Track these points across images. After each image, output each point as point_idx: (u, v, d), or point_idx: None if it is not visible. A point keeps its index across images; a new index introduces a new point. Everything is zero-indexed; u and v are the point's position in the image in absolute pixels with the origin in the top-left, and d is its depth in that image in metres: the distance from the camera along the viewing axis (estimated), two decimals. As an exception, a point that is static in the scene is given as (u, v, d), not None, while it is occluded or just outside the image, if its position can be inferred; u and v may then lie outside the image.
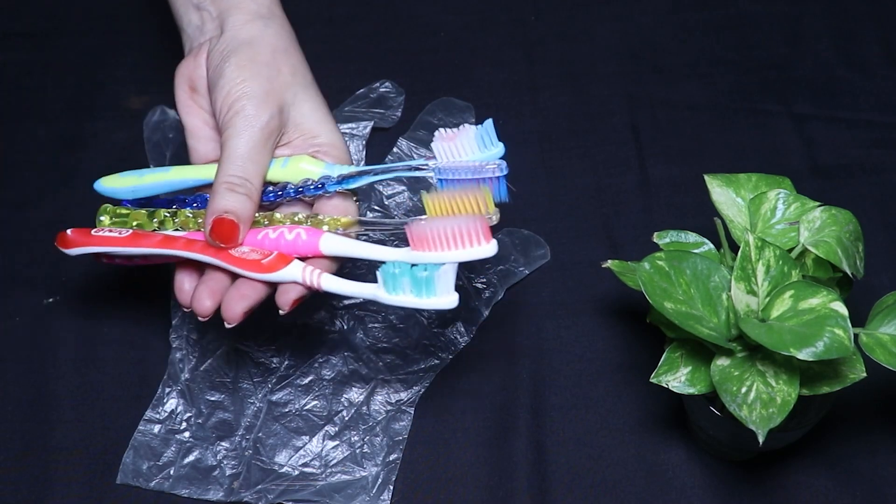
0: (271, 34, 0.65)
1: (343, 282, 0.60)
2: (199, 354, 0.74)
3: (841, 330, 0.56)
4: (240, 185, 0.61)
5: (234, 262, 0.61)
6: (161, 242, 0.63)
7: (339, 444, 0.71)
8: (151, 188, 0.67)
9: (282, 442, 0.71)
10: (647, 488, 0.69)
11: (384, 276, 0.58)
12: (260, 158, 0.62)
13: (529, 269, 0.78)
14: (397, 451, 0.71)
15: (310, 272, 0.60)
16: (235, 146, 0.62)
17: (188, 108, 0.67)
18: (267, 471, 0.70)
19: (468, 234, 0.58)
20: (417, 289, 0.58)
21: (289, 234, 0.62)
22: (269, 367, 0.74)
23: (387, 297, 0.59)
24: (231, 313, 0.61)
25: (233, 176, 0.61)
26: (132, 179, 0.67)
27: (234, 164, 0.61)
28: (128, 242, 0.63)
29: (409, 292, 0.58)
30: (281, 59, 0.65)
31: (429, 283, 0.57)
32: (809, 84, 0.89)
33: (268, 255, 0.61)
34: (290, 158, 0.64)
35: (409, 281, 0.58)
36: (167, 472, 0.70)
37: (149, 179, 0.67)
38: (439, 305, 0.58)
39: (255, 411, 0.72)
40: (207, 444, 0.71)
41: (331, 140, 0.65)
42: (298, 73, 0.66)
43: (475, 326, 0.76)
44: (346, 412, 0.72)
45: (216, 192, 0.61)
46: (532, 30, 0.93)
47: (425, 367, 0.74)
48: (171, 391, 0.73)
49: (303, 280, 0.60)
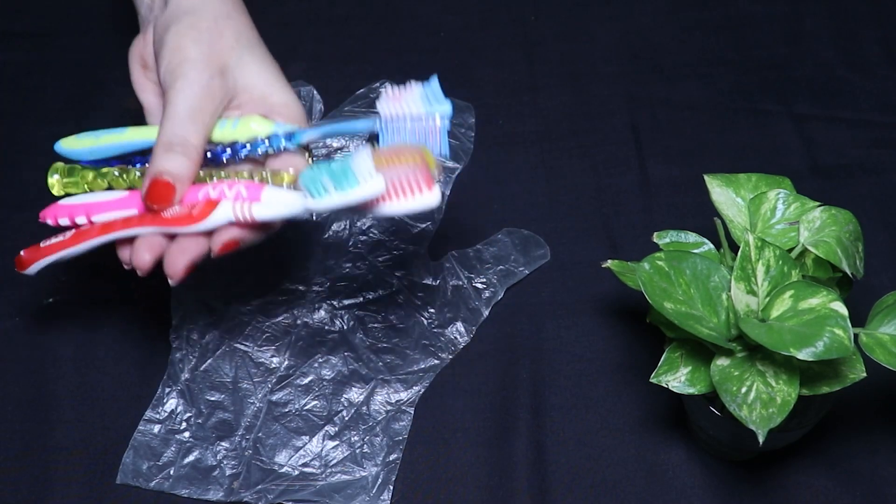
0: (213, 2, 0.65)
1: (271, 205, 0.59)
2: (198, 354, 0.74)
3: (841, 330, 0.56)
4: (178, 145, 0.61)
5: (166, 222, 0.61)
6: (101, 230, 0.63)
7: (339, 444, 0.71)
8: (108, 149, 0.66)
9: (282, 442, 0.71)
10: (647, 488, 0.69)
11: (305, 184, 0.57)
12: (200, 118, 0.62)
13: (529, 269, 0.78)
14: (397, 451, 0.71)
15: (240, 207, 0.59)
16: (174, 107, 0.61)
17: (142, 85, 0.67)
18: (267, 471, 0.70)
19: (410, 183, 0.57)
20: (339, 183, 0.57)
21: (229, 190, 0.61)
22: (269, 367, 0.74)
23: (316, 204, 0.58)
24: (173, 269, 0.60)
25: (171, 135, 0.61)
26: (89, 141, 0.66)
27: (171, 125, 0.61)
28: (73, 241, 0.63)
29: (334, 190, 0.57)
30: (223, 24, 0.64)
31: (346, 171, 0.56)
32: (809, 84, 0.89)
33: (196, 206, 0.61)
34: (239, 119, 0.64)
35: (329, 179, 0.57)
36: (167, 472, 0.70)
37: (105, 140, 0.66)
38: (368, 193, 0.57)
39: (255, 411, 0.72)
40: (207, 444, 0.71)
41: (283, 100, 0.65)
42: (243, 36, 0.65)
43: (475, 326, 0.76)
44: (346, 412, 0.72)
45: (154, 154, 0.61)
46: (532, 30, 0.93)
47: (425, 367, 0.74)
48: (171, 391, 0.73)
49: (235, 218, 0.60)
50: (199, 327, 0.75)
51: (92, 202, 0.64)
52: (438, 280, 0.77)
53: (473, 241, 0.80)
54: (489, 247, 0.79)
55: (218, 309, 0.76)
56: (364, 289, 0.77)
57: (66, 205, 0.64)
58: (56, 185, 0.66)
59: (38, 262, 0.64)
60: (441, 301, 0.76)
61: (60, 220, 0.64)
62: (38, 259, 0.64)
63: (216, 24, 0.64)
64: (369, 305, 0.76)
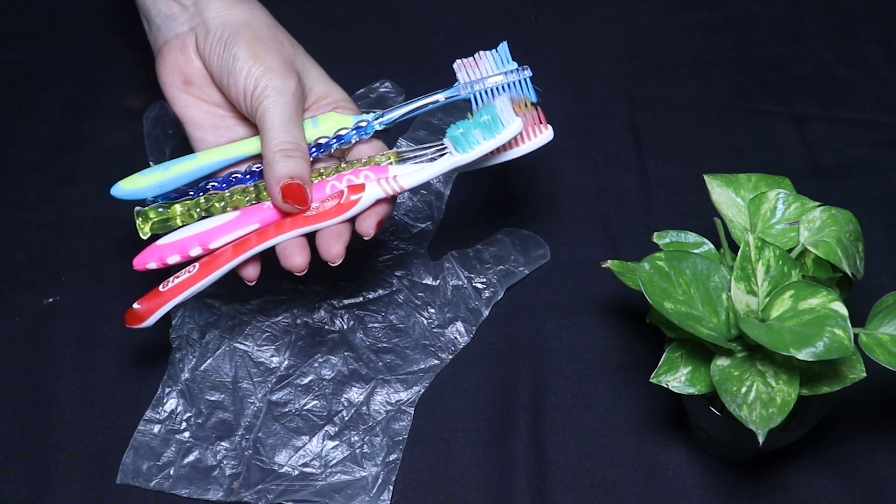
0: (259, 14, 0.67)
1: (417, 172, 0.64)
2: (198, 354, 0.74)
3: (841, 330, 0.56)
4: (293, 150, 0.63)
5: (313, 220, 0.63)
6: (235, 251, 0.64)
7: (339, 444, 0.71)
8: (179, 179, 0.66)
9: (282, 442, 0.71)
10: (647, 488, 0.69)
11: (453, 141, 0.62)
12: (299, 121, 0.65)
13: (529, 269, 0.78)
14: (397, 451, 0.71)
15: (385, 183, 0.63)
16: (275, 116, 0.63)
17: (185, 101, 0.67)
18: (267, 471, 0.70)
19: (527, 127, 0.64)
20: (488, 131, 0.62)
21: (356, 178, 0.64)
22: (268, 367, 0.74)
23: (466, 156, 0.62)
24: (333, 253, 0.63)
25: (284, 142, 0.63)
26: (157, 175, 0.66)
27: (281, 132, 0.63)
28: (203, 273, 0.64)
29: (483, 140, 0.62)
30: (278, 33, 0.67)
31: (495, 120, 0.61)
32: (809, 84, 0.89)
33: (338, 196, 0.63)
34: (318, 118, 0.67)
35: (479, 131, 0.61)
36: (167, 472, 0.70)
37: (175, 171, 0.66)
38: (512, 132, 0.62)
39: (254, 411, 0.72)
40: (207, 444, 0.71)
41: (341, 96, 0.68)
42: (295, 43, 0.68)
43: (475, 326, 0.76)
44: (346, 412, 0.72)
45: (274, 161, 0.63)
46: (532, 30, 0.93)
47: (425, 367, 0.74)
48: (171, 391, 0.73)
49: (385, 193, 0.63)
50: (199, 327, 0.75)
51: (203, 231, 0.64)
52: (438, 280, 0.77)
53: (473, 241, 0.80)
54: (489, 247, 0.79)
55: (218, 309, 0.76)
56: (364, 289, 0.77)
57: (171, 242, 0.64)
58: (146, 228, 0.66)
59: (160, 309, 0.64)
60: (441, 301, 0.76)
61: (169, 259, 0.64)
62: (159, 307, 0.64)
63: (273, 33, 0.67)
64: (369, 305, 0.76)
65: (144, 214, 0.66)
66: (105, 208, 0.81)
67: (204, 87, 0.67)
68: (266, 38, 0.65)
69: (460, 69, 0.67)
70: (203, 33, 0.66)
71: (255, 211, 0.64)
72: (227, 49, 0.64)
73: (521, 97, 0.65)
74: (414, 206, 0.81)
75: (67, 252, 0.80)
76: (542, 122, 0.65)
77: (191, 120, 0.67)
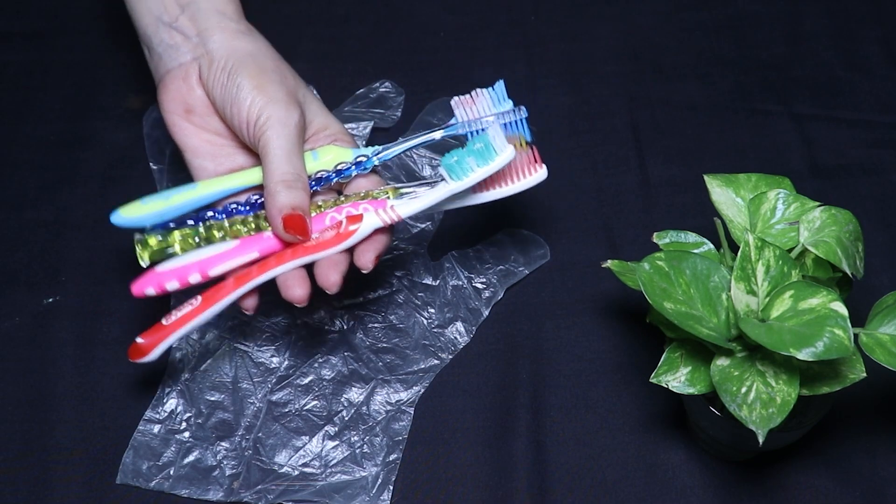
0: (262, 46, 0.68)
1: (414, 201, 0.65)
2: (198, 355, 0.74)
3: (841, 330, 0.56)
4: (295, 181, 0.64)
5: (312, 250, 0.64)
6: (236, 284, 0.64)
7: (339, 444, 0.71)
8: (179, 208, 0.67)
9: (282, 442, 0.71)
10: (647, 488, 0.69)
11: (448, 169, 0.63)
12: (301, 154, 0.65)
13: (529, 269, 0.78)
14: (397, 451, 0.71)
15: (383, 212, 0.64)
16: (278, 147, 0.64)
17: (185, 129, 0.68)
18: (267, 471, 0.70)
19: (522, 166, 0.65)
20: (482, 159, 0.63)
21: (355, 210, 0.65)
22: (268, 367, 0.74)
23: (461, 184, 0.63)
24: (330, 282, 0.64)
25: (286, 173, 0.64)
26: (159, 203, 0.67)
27: (283, 163, 0.64)
28: (205, 307, 0.64)
29: (477, 167, 0.63)
30: (281, 65, 0.68)
31: (488, 147, 0.62)
32: (809, 84, 0.89)
33: (337, 227, 0.64)
34: (317, 150, 0.67)
35: (473, 158, 0.63)
36: (167, 472, 0.70)
37: (176, 200, 0.67)
38: (505, 160, 0.63)
39: (255, 411, 0.72)
40: (207, 444, 0.71)
41: (339, 129, 0.69)
42: (296, 76, 0.69)
43: (475, 326, 0.76)
44: (346, 412, 0.72)
45: (275, 192, 0.63)
46: (532, 30, 0.93)
47: (425, 367, 0.74)
48: (171, 391, 0.73)
49: (383, 222, 0.64)
50: (200, 327, 0.75)
51: (202, 259, 0.65)
52: (438, 280, 0.77)
53: (473, 241, 0.80)
54: (489, 247, 0.79)
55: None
56: (364, 289, 0.77)
57: (171, 269, 0.64)
58: (146, 255, 0.66)
59: (163, 343, 0.65)
60: (441, 301, 0.77)
61: (168, 285, 0.64)
62: (162, 339, 0.65)
63: (277, 65, 0.67)
64: (369, 305, 0.76)
65: (144, 242, 0.66)
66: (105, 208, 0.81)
67: (205, 116, 0.68)
68: (270, 70, 0.66)
69: (458, 106, 0.67)
70: (207, 63, 0.66)
71: (255, 241, 0.65)
72: (231, 79, 0.65)
73: (516, 136, 0.66)
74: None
75: (67, 252, 0.80)
76: (538, 161, 0.66)
77: (190, 147, 0.68)
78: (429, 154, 0.83)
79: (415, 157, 0.83)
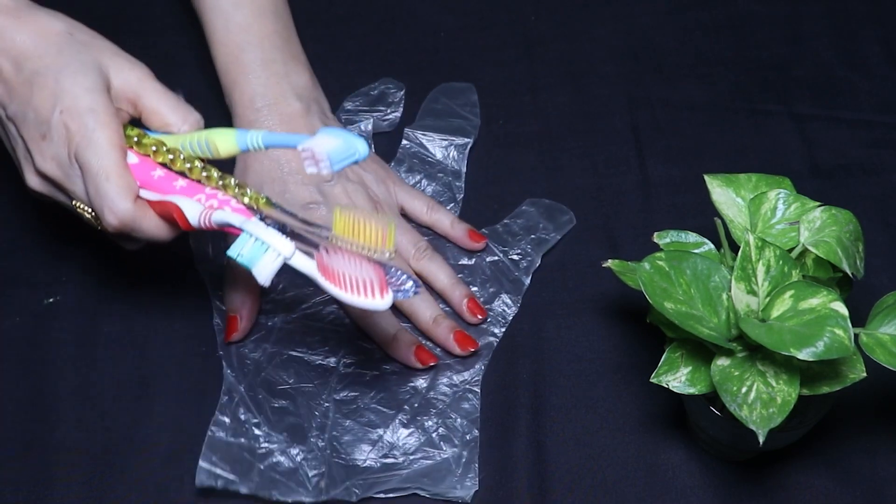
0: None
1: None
2: (253, 368, 0.73)
3: (841, 330, 0.56)
4: None
5: None
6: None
7: (414, 430, 0.71)
8: None
9: (357, 437, 0.71)
10: (647, 488, 0.69)
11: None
12: None
13: (559, 234, 0.80)
14: (472, 431, 0.71)
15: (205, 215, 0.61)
16: None
17: None
18: (350, 467, 0.69)
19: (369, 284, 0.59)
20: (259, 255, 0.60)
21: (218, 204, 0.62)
22: (326, 368, 0.74)
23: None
24: None
25: None
26: None
27: None
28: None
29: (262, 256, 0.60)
30: None
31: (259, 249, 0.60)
32: (809, 84, 0.89)
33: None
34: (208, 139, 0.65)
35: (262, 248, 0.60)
36: (250, 476, 0.68)
37: None
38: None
39: (323, 411, 0.72)
40: (282, 448, 0.70)
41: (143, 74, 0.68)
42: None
43: (520, 296, 0.77)
44: (414, 399, 0.72)
45: None
46: (532, 30, 0.93)
47: (482, 343, 0.74)
48: (235, 402, 0.71)
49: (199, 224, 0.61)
50: (251, 342, 0.75)
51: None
52: (474, 259, 0.78)
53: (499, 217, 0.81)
54: (516, 219, 0.80)
55: (264, 324, 0.75)
56: None
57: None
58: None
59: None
60: (482, 278, 0.77)
61: None
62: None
63: None
64: None
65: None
66: (105, 208, 0.81)
67: None
68: None
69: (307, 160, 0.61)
70: None
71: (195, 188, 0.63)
72: None
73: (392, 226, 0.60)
74: (434, 191, 0.82)
75: (67, 252, 0.80)
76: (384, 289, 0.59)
77: None
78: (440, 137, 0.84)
79: (423, 140, 0.84)
